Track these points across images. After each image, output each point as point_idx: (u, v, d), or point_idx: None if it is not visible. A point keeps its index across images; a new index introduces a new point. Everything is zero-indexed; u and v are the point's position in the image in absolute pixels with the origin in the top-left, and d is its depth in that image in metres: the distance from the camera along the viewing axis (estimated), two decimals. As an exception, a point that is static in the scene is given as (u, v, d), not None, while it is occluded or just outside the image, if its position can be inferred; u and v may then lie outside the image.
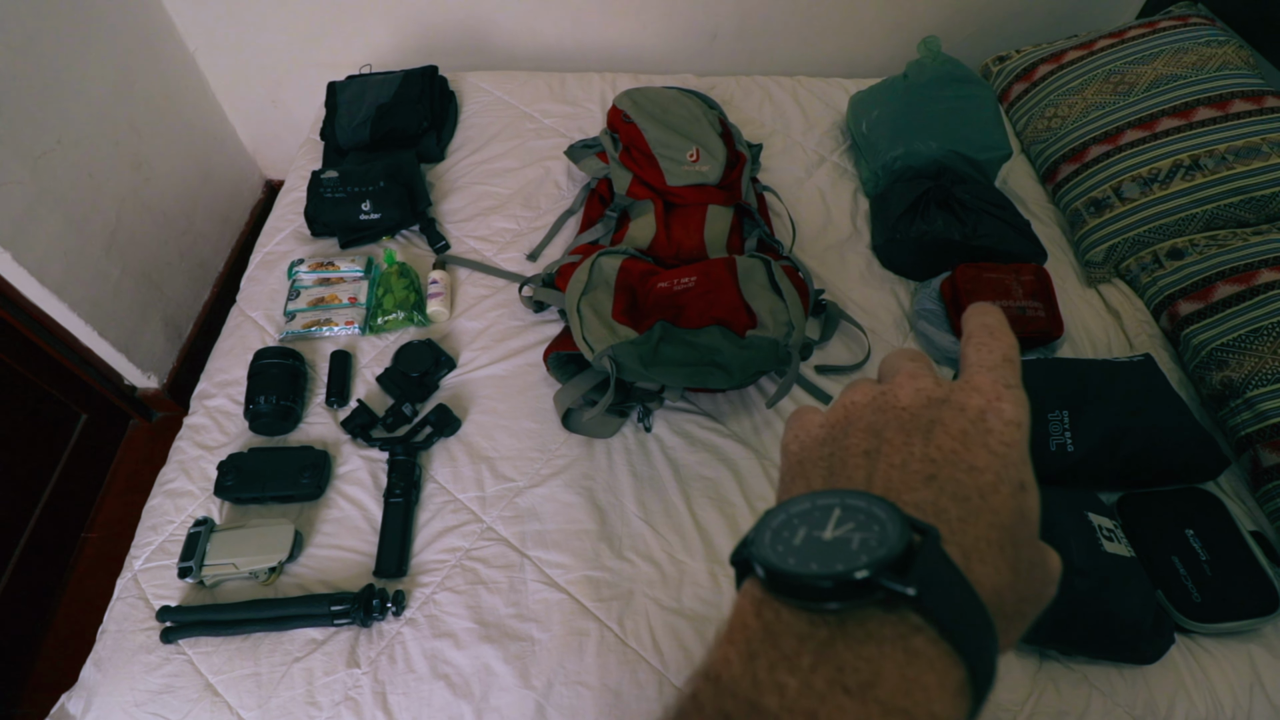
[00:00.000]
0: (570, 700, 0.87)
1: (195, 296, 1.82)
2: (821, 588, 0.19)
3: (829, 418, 0.27)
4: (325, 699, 0.86)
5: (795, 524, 0.21)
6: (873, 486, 0.23)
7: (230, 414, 1.10)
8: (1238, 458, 1.10)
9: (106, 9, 1.51)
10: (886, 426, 0.24)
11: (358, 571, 0.96)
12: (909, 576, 0.18)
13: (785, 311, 1.07)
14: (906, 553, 0.18)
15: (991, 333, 0.26)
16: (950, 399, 0.24)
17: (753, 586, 0.21)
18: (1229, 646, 0.93)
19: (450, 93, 1.59)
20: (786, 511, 0.21)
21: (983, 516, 0.21)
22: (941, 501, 0.22)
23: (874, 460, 0.24)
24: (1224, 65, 1.33)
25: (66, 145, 1.39)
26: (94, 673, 0.89)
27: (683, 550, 0.99)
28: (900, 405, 0.25)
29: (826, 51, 1.86)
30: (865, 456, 0.24)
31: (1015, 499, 0.22)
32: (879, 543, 0.19)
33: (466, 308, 1.24)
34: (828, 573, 0.19)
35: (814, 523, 0.20)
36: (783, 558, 0.20)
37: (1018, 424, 0.23)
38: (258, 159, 2.12)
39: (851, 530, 0.20)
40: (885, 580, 0.18)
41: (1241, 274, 1.17)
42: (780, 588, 0.20)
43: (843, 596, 0.19)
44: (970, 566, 0.20)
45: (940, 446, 0.23)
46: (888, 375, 0.27)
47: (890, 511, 0.20)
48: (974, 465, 0.22)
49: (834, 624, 0.19)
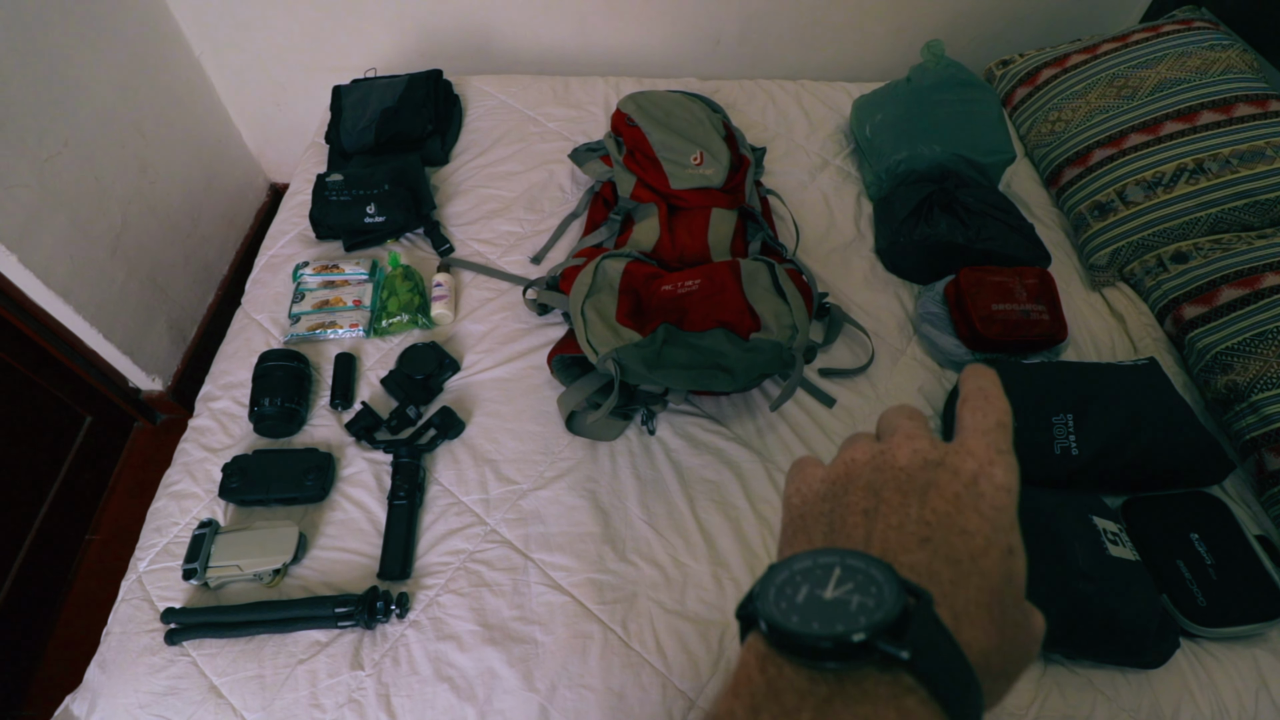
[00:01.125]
0: (574, 703, 0.87)
1: (199, 299, 1.82)
2: (822, 648, 0.19)
3: (830, 473, 0.28)
4: (329, 701, 0.86)
5: (798, 581, 0.22)
6: (871, 547, 0.24)
7: (235, 416, 1.10)
8: (1243, 462, 1.10)
9: (113, 13, 1.52)
10: (884, 486, 0.25)
11: (362, 574, 0.96)
12: (904, 640, 0.19)
13: (789, 314, 1.07)
14: (902, 616, 0.19)
15: (986, 397, 0.27)
16: (945, 462, 0.25)
17: (757, 641, 0.22)
18: (1234, 651, 0.93)
19: (454, 96, 1.60)
20: (790, 569, 0.22)
21: (973, 580, 0.22)
22: (935, 565, 0.23)
23: (872, 520, 0.25)
24: (1228, 69, 1.33)
25: (73, 148, 1.40)
26: (98, 674, 0.89)
27: (686, 553, 0.99)
28: (898, 465, 0.26)
29: (830, 55, 1.87)
30: (864, 515, 0.25)
31: (1004, 563, 0.23)
32: (876, 605, 0.20)
33: (470, 310, 1.24)
34: (828, 634, 0.20)
35: (816, 581, 0.21)
36: (786, 615, 0.21)
37: (1008, 489, 0.24)
38: (262, 163, 2.13)
39: (850, 591, 0.20)
40: (881, 644, 0.19)
41: (1246, 278, 1.17)
42: (783, 645, 0.20)
43: (841, 657, 0.19)
44: (960, 629, 0.21)
45: (935, 509, 0.24)
46: (886, 432, 0.28)
47: (887, 574, 0.21)
48: (966, 529, 0.23)
49: (833, 682, 0.20)
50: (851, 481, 0.26)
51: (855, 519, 0.25)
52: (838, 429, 1.12)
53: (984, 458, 0.25)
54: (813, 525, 0.26)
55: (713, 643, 0.91)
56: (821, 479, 0.28)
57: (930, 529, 0.23)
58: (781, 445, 1.10)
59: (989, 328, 1.14)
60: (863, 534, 0.24)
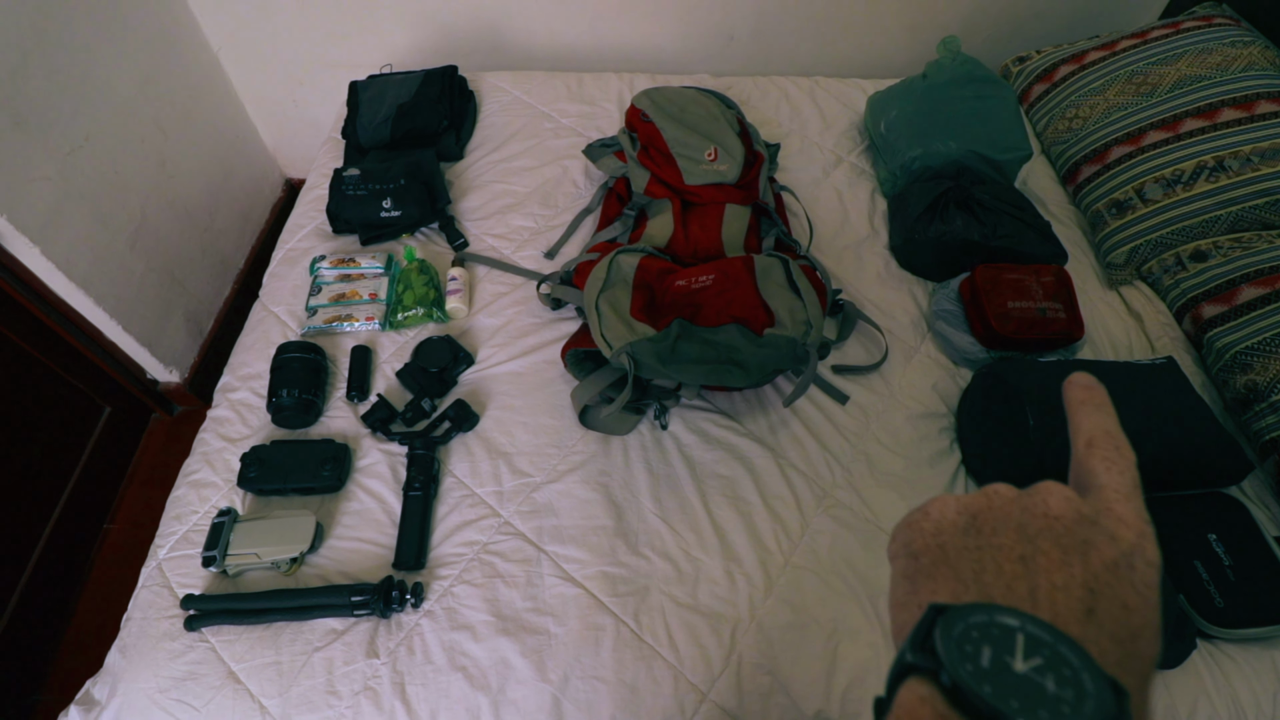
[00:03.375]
0: (586, 694, 0.87)
1: (216, 293, 1.84)
2: None
3: (968, 503, 0.26)
4: (345, 688, 0.87)
5: (976, 638, 0.20)
6: (1038, 607, 0.22)
7: (253, 407, 1.12)
8: (1262, 462, 1.09)
9: (133, 10, 1.54)
10: (1040, 535, 0.24)
11: (377, 563, 0.97)
12: None
13: (803, 310, 1.07)
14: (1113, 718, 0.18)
15: (1118, 447, 0.27)
16: (1100, 522, 0.24)
17: (934, 696, 0.20)
18: (1252, 653, 0.92)
19: (469, 92, 1.61)
20: (965, 620, 0.21)
21: (1133, 665, 0.21)
22: (1103, 642, 0.21)
23: (1032, 571, 0.23)
24: (1249, 66, 1.31)
25: (94, 142, 1.42)
26: (119, 659, 0.90)
27: (698, 547, 0.99)
28: (1052, 514, 0.24)
29: (844, 52, 1.86)
30: (1021, 564, 0.23)
31: (1152, 645, 0.22)
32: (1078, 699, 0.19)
33: (485, 304, 1.25)
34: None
35: (998, 644, 0.20)
36: (977, 681, 0.19)
37: (1158, 568, 0.23)
38: (278, 158, 2.15)
39: (1042, 669, 0.19)
40: None
41: (1266, 276, 1.16)
42: (971, 712, 0.19)
43: None
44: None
45: (1096, 575, 0.23)
46: None
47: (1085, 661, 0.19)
48: (1125, 604, 0.22)
49: None
50: (999, 519, 0.25)
51: (1012, 566, 0.23)
52: (851, 426, 1.12)
53: (1137, 529, 0.24)
54: (958, 560, 0.25)
55: (724, 637, 0.92)
56: (958, 509, 0.26)
57: (1094, 599, 0.22)
58: (794, 441, 1.10)
59: (1004, 325, 1.13)
60: (1025, 589, 0.23)
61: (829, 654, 0.91)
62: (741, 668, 0.90)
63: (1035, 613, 0.22)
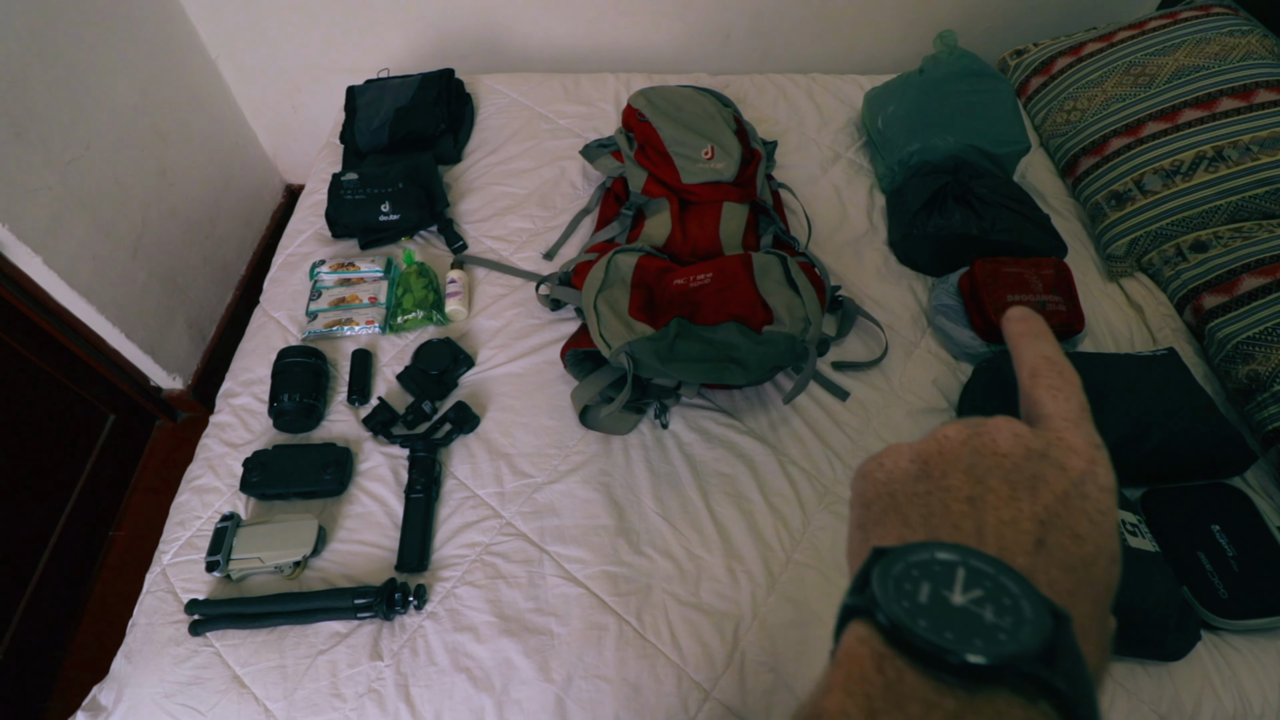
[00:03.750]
0: (590, 694, 0.87)
1: (218, 299, 1.85)
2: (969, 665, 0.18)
3: (920, 449, 0.26)
4: (349, 691, 0.87)
5: (916, 576, 0.20)
6: (984, 543, 0.22)
7: (255, 412, 1.12)
8: (1265, 453, 1.08)
9: (131, 18, 1.55)
10: (988, 473, 0.24)
11: (380, 566, 0.97)
12: (1055, 669, 0.18)
13: (802, 307, 1.07)
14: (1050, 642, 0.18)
15: (1060, 371, 0.26)
16: (1049, 454, 0.24)
17: (872, 636, 0.20)
18: (1257, 644, 0.92)
19: (466, 95, 1.61)
20: (904, 560, 0.21)
21: (1085, 591, 0.21)
22: (1052, 572, 0.21)
23: (980, 510, 0.23)
24: (1248, 55, 1.31)
25: (94, 151, 1.43)
26: (124, 664, 0.91)
27: (700, 546, 0.99)
28: (1000, 450, 0.24)
29: (840, 48, 1.86)
30: (970, 504, 0.23)
31: (1109, 572, 0.22)
32: (1016, 624, 0.18)
33: (484, 306, 1.25)
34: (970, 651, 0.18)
35: (938, 580, 0.20)
36: (911, 617, 0.19)
37: (1111, 491, 0.23)
38: (278, 164, 2.15)
39: (981, 599, 0.19)
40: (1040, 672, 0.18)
41: (1267, 266, 1.15)
42: (909, 649, 0.19)
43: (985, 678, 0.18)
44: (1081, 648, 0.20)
45: (1046, 507, 0.22)
46: None
47: (1024, 588, 0.19)
48: (1077, 533, 0.22)
49: (962, 697, 0.18)
50: (948, 462, 0.25)
51: (960, 507, 0.23)
52: (851, 422, 1.12)
53: (1086, 455, 0.23)
54: (907, 506, 0.25)
55: (727, 634, 0.92)
56: (910, 456, 0.26)
57: (1044, 529, 0.22)
58: (794, 438, 1.10)
59: (1004, 319, 1.13)
60: (973, 526, 0.22)
61: (832, 650, 0.91)
62: (745, 665, 0.90)
63: (982, 548, 0.22)
